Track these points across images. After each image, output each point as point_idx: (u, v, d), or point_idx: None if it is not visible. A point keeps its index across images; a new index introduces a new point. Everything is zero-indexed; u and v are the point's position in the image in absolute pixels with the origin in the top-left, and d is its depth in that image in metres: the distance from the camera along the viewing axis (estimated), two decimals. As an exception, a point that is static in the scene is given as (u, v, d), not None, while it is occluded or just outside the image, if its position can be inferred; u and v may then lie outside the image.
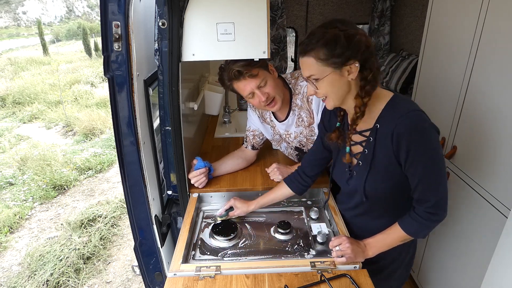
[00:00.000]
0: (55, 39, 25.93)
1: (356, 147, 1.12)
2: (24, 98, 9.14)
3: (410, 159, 0.96)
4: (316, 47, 0.94)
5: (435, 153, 0.97)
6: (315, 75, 0.97)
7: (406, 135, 0.95)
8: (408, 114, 0.96)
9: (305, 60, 0.98)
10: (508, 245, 1.08)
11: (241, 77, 1.31)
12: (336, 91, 0.99)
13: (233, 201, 1.42)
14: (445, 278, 1.79)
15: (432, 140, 0.96)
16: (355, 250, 1.10)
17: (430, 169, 0.97)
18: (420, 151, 0.95)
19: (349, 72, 0.96)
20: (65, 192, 4.37)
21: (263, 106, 1.40)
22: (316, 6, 3.54)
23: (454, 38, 1.63)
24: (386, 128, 1.00)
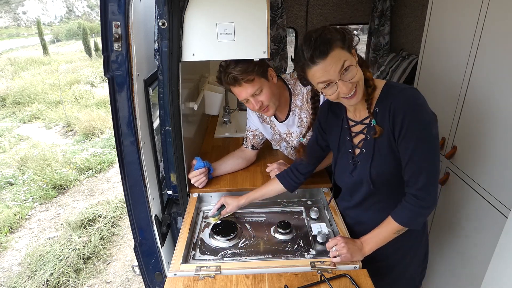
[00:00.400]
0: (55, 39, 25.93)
1: (358, 137, 1.14)
2: (24, 98, 9.14)
3: (402, 134, 0.98)
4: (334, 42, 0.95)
5: (428, 130, 0.98)
6: (348, 61, 0.97)
7: (401, 109, 0.98)
8: (404, 90, 1.01)
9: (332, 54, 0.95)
10: (508, 245, 1.08)
11: (236, 84, 1.32)
12: (360, 74, 1.01)
13: (223, 199, 1.44)
14: (445, 277, 1.79)
15: (425, 117, 0.98)
16: (351, 249, 1.10)
17: (421, 145, 0.98)
18: (413, 125, 0.97)
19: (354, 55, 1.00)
20: (65, 192, 4.37)
21: (257, 111, 1.42)
22: (316, 6, 3.53)
23: (454, 38, 1.63)
24: (384, 107, 1.03)
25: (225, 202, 1.42)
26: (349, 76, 0.97)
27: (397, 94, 1.01)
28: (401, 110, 0.98)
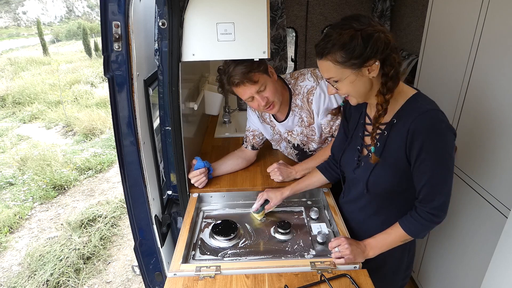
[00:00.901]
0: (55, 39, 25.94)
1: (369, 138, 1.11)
2: (24, 98, 9.14)
3: (421, 157, 0.95)
4: (333, 50, 0.92)
5: (448, 155, 0.96)
6: (334, 77, 0.97)
7: (421, 133, 0.94)
8: (427, 112, 0.95)
9: (323, 63, 0.96)
10: (508, 245, 1.08)
11: (241, 83, 1.32)
12: (357, 90, 0.98)
13: (266, 194, 1.40)
14: (445, 278, 1.79)
15: (447, 142, 0.95)
16: (355, 251, 1.10)
17: (439, 170, 0.96)
18: (432, 151, 0.94)
19: (370, 71, 0.94)
20: (65, 192, 4.37)
21: (262, 109, 1.41)
22: (316, 6, 3.53)
23: (454, 38, 1.62)
24: (402, 123, 0.99)
25: (268, 196, 1.39)
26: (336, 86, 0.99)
27: (421, 116, 0.94)
28: (422, 134, 0.93)
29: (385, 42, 0.91)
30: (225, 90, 1.41)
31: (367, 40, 0.89)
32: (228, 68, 1.33)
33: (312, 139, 1.52)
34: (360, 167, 1.14)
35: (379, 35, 0.90)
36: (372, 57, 0.91)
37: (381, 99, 0.96)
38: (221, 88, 1.42)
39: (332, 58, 0.93)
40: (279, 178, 1.54)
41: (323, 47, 0.94)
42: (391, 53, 0.92)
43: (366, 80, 0.96)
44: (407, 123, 0.96)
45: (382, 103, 0.97)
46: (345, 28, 0.91)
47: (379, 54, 0.91)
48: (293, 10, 3.56)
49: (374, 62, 0.92)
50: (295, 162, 1.68)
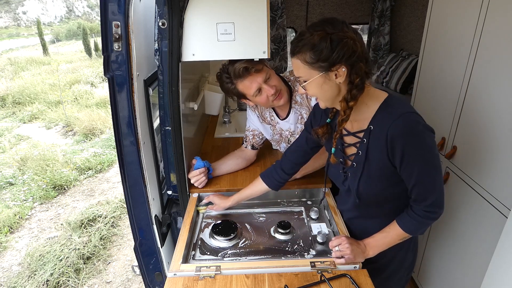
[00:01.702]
0: (55, 39, 25.94)
1: (351, 149, 1.11)
2: (24, 98, 9.14)
3: (405, 161, 0.96)
4: (303, 50, 0.93)
5: (431, 154, 0.96)
6: (303, 77, 0.98)
7: (400, 137, 0.94)
8: (402, 116, 0.95)
9: (294, 61, 0.98)
10: (508, 245, 1.08)
11: (247, 74, 1.30)
12: (324, 93, 0.99)
13: (212, 197, 1.47)
14: (445, 278, 1.79)
15: (427, 142, 0.95)
16: (355, 251, 1.10)
17: (425, 170, 0.97)
18: (415, 153, 0.95)
19: (337, 76, 0.94)
20: (65, 192, 4.37)
21: (271, 101, 1.38)
22: (316, 6, 3.54)
23: (454, 38, 1.63)
24: (379, 129, 0.99)
25: (212, 200, 1.47)
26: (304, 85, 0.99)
27: (396, 121, 0.94)
28: (401, 138, 0.94)
29: (353, 49, 0.91)
30: (228, 90, 1.39)
31: (336, 45, 0.90)
32: (228, 66, 1.33)
33: None
34: (347, 178, 1.14)
35: (347, 41, 0.91)
36: (338, 62, 0.92)
37: (344, 105, 0.98)
38: (223, 87, 1.40)
39: (302, 57, 0.94)
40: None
41: (295, 45, 0.96)
42: (358, 61, 0.93)
43: (334, 85, 0.96)
44: (384, 129, 0.96)
45: (345, 109, 0.98)
46: (317, 30, 0.92)
47: (345, 60, 0.92)
48: (293, 10, 3.56)
49: (341, 67, 0.92)
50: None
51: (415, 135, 0.94)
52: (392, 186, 1.05)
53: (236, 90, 1.37)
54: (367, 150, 1.04)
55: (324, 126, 1.14)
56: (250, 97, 1.38)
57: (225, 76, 1.36)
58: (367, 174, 1.06)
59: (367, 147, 1.04)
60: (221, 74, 1.38)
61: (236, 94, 1.41)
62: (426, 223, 1.04)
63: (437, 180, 0.99)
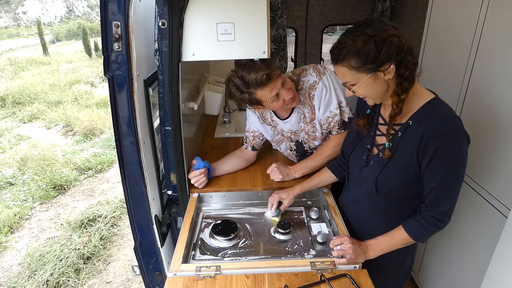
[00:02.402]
0: (55, 39, 25.95)
1: (381, 138, 1.12)
2: (24, 98, 9.14)
3: (433, 162, 0.96)
4: (347, 57, 0.93)
5: (460, 163, 0.96)
6: (350, 81, 0.98)
7: (437, 137, 0.94)
8: (445, 118, 0.95)
9: (338, 68, 0.98)
10: (508, 245, 1.08)
11: (268, 81, 1.27)
12: (374, 92, 0.99)
13: (277, 195, 1.41)
14: (445, 278, 1.79)
15: (462, 149, 0.95)
16: (356, 251, 1.10)
17: (450, 176, 0.97)
18: (446, 157, 0.95)
19: (385, 74, 0.94)
20: (65, 192, 4.37)
21: (287, 104, 1.37)
22: (316, 6, 3.53)
23: (454, 38, 1.62)
24: (418, 126, 0.99)
25: (280, 198, 1.41)
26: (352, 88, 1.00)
27: (438, 120, 0.95)
28: (437, 139, 0.94)
29: (399, 46, 0.91)
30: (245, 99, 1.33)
31: (381, 45, 0.90)
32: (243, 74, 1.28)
33: (313, 136, 1.52)
34: (368, 166, 1.14)
35: (392, 39, 0.90)
36: (387, 61, 0.92)
37: (396, 99, 0.98)
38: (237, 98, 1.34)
39: (347, 64, 0.94)
40: (279, 177, 1.54)
41: (337, 54, 0.95)
42: (405, 55, 0.93)
43: (382, 82, 0.97)
44: (423, 126, 0.96)
45: (398, 103, 0.98)
46: (358, 35, 0.91)
47: (394, 57, 0.91)
48: (293, 10, 3.56)
49: (389, 65, 0.92)
50: (294, 163, 1.68)
51: (453, 139, 0.94)
52: (409, 187, 1.06)
53: (253, 99, 1.33)
54: (399, 144, 1.04)
55: (365, 117, 1.15)
56: (266, 103, 1.35)
57: (241, 84, 1.29)
58: (391, 166, 1.06)
59: (399, 141, 1.03)
60: (233, 82, 1.32)
61: (251, 103, 1.36)
62: (431, 231, 1.04)
63: (456, 190, 0.99)
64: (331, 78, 1.40)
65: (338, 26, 13.93)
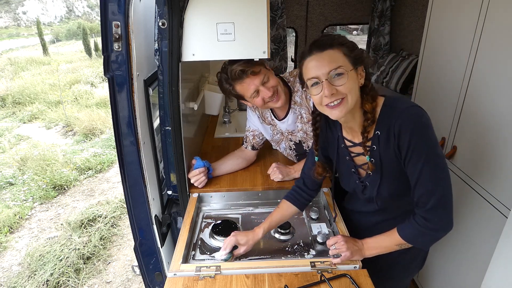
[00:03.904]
0: (55, 39, 25.94)
1: (360, 158, 1.11)
2: (24, 98, 9.14)
3: (409, 154, 0.96)
4: (339, 44, 0.96)
5: (434, 150, 0.95)
6: (343, 66, 0.94)
7: (407, 130, 0.94)
8: (407, 109, 0.97)
9: (329, 52, 0.95)
10: (508, 245, 1.08)
11: (244, 76, 1.31)
12: (355, 91, 0.97)
13: (234, 238, 1.20)
14: (445, 278, 1.79)
15: (431, 136, 0.96)
16: (351, 248, 1.10)
17: (428, 167, 0.95)
18: (418, 146, 0.94)
19: (360, 76, 0.98)
20: (65, 192, 4.37)
21: (267, 102, 1.38)
22: (316, 6, 3.54)
23: (454, 38, 1.62)
24: (386, 131, 0.99)
25: (237, 242, 1.20)
26: (337, 82, 0.94)
27: (400, 114, 0.96)
28: (407, 130, 0.94)
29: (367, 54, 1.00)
30: (227, 91, 1.39)
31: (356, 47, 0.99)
32: (227, 67, 1.33)
33: (311, 135, 1.52)
34: (367, 188, 1.14)
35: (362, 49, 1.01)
36: (361, 62, 0.98)
37: (369, 106, 0.99)
38: (222, 88, 1.40)
39: (341, 48, 0.96)
40: (279, 177, 1.55)
41: (330, 39, 0.97)
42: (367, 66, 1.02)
43: (358, 84, 0.98)
44: (390, 126, 0.97)
45: (371, 110, 0.99)
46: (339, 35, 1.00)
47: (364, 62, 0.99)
48: (293, 10, 3.56)
49: (362, 68, 0.99)
50: (294, 162, 1.68)
51: (420, 126, 0.95)
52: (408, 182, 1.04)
53: (234, 91, 1.38)
54: (380, 156, 1.03)
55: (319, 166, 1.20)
56: (247, 98, 1.39)
57: (224, 77, 1.36)
58: (386, 178, 1.06)
59: (379, 153, 1.03)
60: (220, 75, 1.38)
61: (234, 95, 1.41)
62: (424, 233, 1.00)
63: (440, 184, 0.96)
64: None
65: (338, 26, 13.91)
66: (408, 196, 1.07)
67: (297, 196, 1.30)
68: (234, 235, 1.21)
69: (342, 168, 1.19)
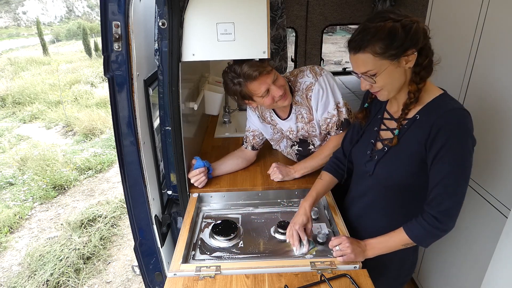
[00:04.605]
0: (55, 39, 25.96)
1: (386, 133, 1.11)
2: (24, 98, 9.14)
3: (440, 154, 0.95)
4: (372, 42, 0.92)
5: (466, 158, 0.95)
6: (373, 70, 0.94)
7: (447, 128, 0.93)
8: (454, 110, 0.95)
9: (360, 56, 0.95)
10: (508, 245, 1.08)
11: (259, 75, 1.29)
12: (393, 82, 0.97)
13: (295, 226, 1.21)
14: (445, 278, 1.79)
15: (469, 143, 0.95)
16: (355, 250, 1.10)
17: (456, 171, 0.95)
18: (454, 149, 0.94)
19: (407, 61, 0.94)
20: (65, 192, 4.37)
21: (276, 101, 1.38)
22: (316, 6, 3.53)
23: (454, 38, 1.63)
24: (426, 119, 0.98)
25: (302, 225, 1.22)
26: (370, 80, 0.97)
27: (448, 112, 0.95)
28: (447, 131, 0.93)
29: (423, 32, 0.93)
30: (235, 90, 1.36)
31: (408, 30, 0.90)
32: (235, 67, 1.30)
33: (313, 134, 1.52)
34: (372, 160, 1.13)
35: (417, 25, 0.91)
36: (412, 47, 0.92)
37: (414, 87, 0.98)
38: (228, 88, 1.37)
39: (372, 50, 0.92)
40: (279, 177, 1.55)
41: (360, 40, 0.93)
42: (426, 42, 0.94)
43: (402, 71, 0.96)
44: (432, 118, 0.96)
45: (415, 91, 0.98)
46: (384, 20, 0.91)
47: (418, 43, 0.92)
48: (293, 10, 3.56)
49: (413, 52, 0.92)
50: (294, 162, 1.68)
51: (462, 131, 0.94)
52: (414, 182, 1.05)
53: (244, 91, 1.35)
54: (403, 136, 1.03)
55: (363, 111, 1.16)
56: (256, 98, 1.37)
57: (233, 76, 1.32)
58: (395, 159, 1.06)
59: (404, 134, 1.03)
60: (227, 75, 1.35)
61: (242, 95, 1.38)
62: (433, 233, 1.01)
63: (460, 189, 0.97)
64: (328, 79, 1.40)
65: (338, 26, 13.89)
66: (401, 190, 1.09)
67: (336, 168, 1.35)
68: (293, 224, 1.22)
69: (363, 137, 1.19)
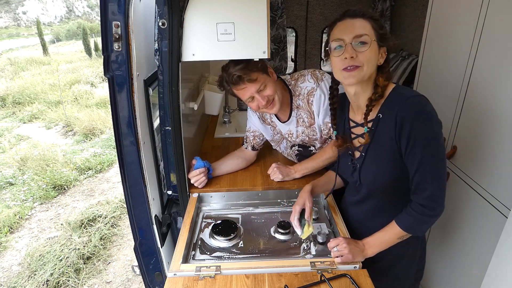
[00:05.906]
0: (55, 39, 25.96)
1: (358, 140, 1.14)
2: (24, 98, 9.14)
3: (410, 144, 0.97)
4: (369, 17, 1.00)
5: (436, 140, 0.98)
6: (368, 34, 0.98)
7: (409, 117, 0.96)
8: (412, 98, 0.99)
9: (359, 20, 1.00)
10: (508, 245, 1.08)
11: (241, 82, 1.31)
12: (372, 64, 1.01)
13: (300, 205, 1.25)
14: (445, 277, 1.79)
15: (434, 126, 0.97)
16: (353, 250, 1.10)
17: (429, 155, 0.97)
18: (420, 135, 0.96)
19: (381, 56, 1.02)
20: (65, 192, 4.37)
21: (262, 109, 1.40)
22: (316, 6, 3.53)
23: (454, 38, 1.63)
24: (388, 115, 1.02)
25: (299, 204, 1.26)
26: (360, 49, 0.98)
27: (405, 103, 0.98)
28: (409, 119, 0.96)
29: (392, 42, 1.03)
30: (226, 90, 1.40)
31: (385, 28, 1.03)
32: (228, 67, 1.33)
33: (314, 138, 1.52)
34: (356, 169, 1.16)
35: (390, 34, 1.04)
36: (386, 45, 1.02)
37: (382, 82, 1.03)
38: (221, 86, 1.41)
39: (370, 20, 1.00)
40: (279, 177, 1.55)
41: (365, 10, 1.01)
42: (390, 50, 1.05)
43: (376, 60, 1.02)
44: (393, 113, 0.99)
45: (382, 86, 1.03)
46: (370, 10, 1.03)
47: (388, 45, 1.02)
48: (293, 10, 3.56)
49: (385, 49, 1.02)
50: (294, 163, 1.68)
51: (424, 116, 0.97)
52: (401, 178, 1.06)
53: (233, 92, 1.40)
54: (373, 138, 1.06)
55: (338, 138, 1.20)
56: (244, 100, 1.41)
57: (224, 76, 1.36)
58: (377, 162, 1.08)
59: (373, 135, 1.06)
60: (221, 73, 1.38)
61: (233, 95, 1.44)
62: (423, 220, 1.03)
63: (439, 171, 0.99)
64: (329, 83, 1.40)
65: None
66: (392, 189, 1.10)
67: None
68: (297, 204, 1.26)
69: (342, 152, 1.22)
